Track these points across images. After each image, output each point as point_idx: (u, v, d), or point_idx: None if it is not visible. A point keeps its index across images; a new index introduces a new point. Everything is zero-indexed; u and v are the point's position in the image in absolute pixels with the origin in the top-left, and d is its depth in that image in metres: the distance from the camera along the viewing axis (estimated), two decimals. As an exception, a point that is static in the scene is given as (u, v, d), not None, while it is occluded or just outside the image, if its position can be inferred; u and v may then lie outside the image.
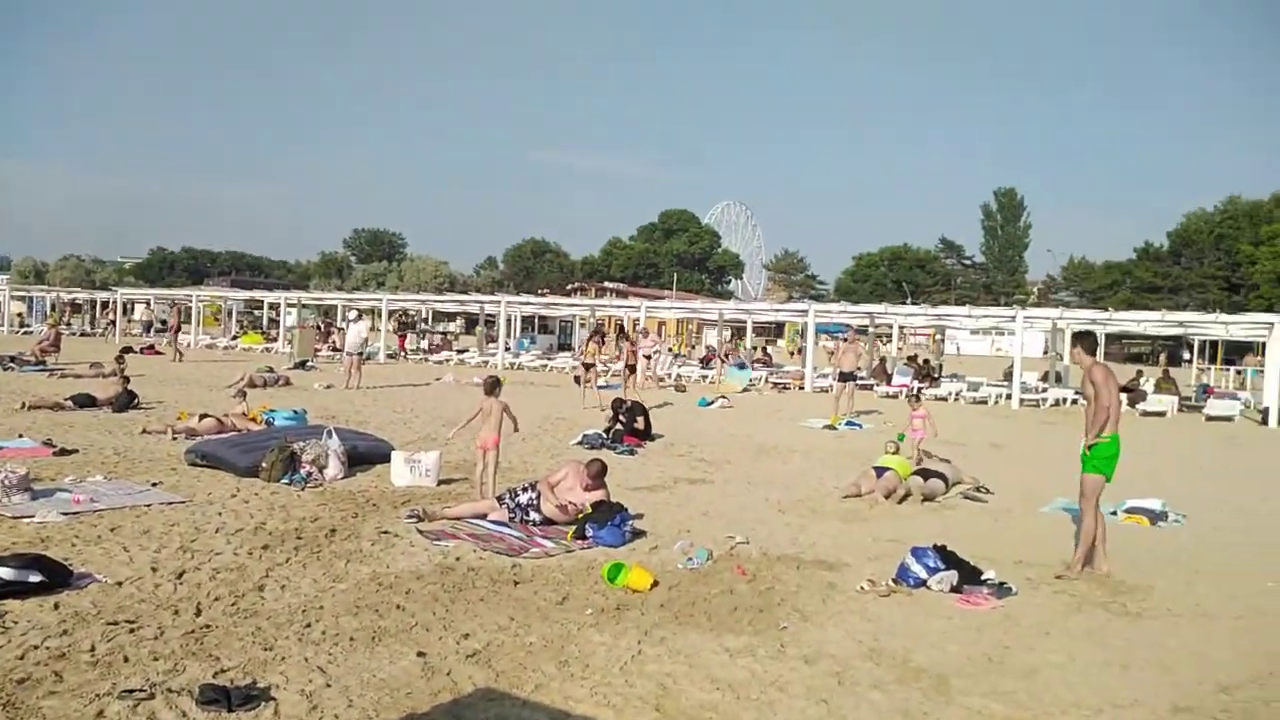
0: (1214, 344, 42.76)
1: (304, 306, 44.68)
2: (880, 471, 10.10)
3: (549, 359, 33.02)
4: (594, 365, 19.52)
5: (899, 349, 42.32)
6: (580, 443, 12.70)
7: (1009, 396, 24.13)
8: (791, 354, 48.94)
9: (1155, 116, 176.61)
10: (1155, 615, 6.07)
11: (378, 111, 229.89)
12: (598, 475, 8.00)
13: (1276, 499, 10.94)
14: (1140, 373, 27.52)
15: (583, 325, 40.14)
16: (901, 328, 45.05)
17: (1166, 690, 4.76)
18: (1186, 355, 46.28)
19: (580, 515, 7.68)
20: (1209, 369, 40.81)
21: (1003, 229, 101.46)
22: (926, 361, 31.56)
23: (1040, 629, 5.68)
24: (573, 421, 15.34)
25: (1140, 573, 6.98)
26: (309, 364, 26.81)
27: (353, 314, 27.53)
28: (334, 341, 33.46)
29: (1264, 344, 25.14)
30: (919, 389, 14.56)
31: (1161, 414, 22.38)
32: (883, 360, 30.78)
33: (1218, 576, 7.10)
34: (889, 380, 26.80)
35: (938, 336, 45.80)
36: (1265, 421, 21.04)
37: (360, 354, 20.92)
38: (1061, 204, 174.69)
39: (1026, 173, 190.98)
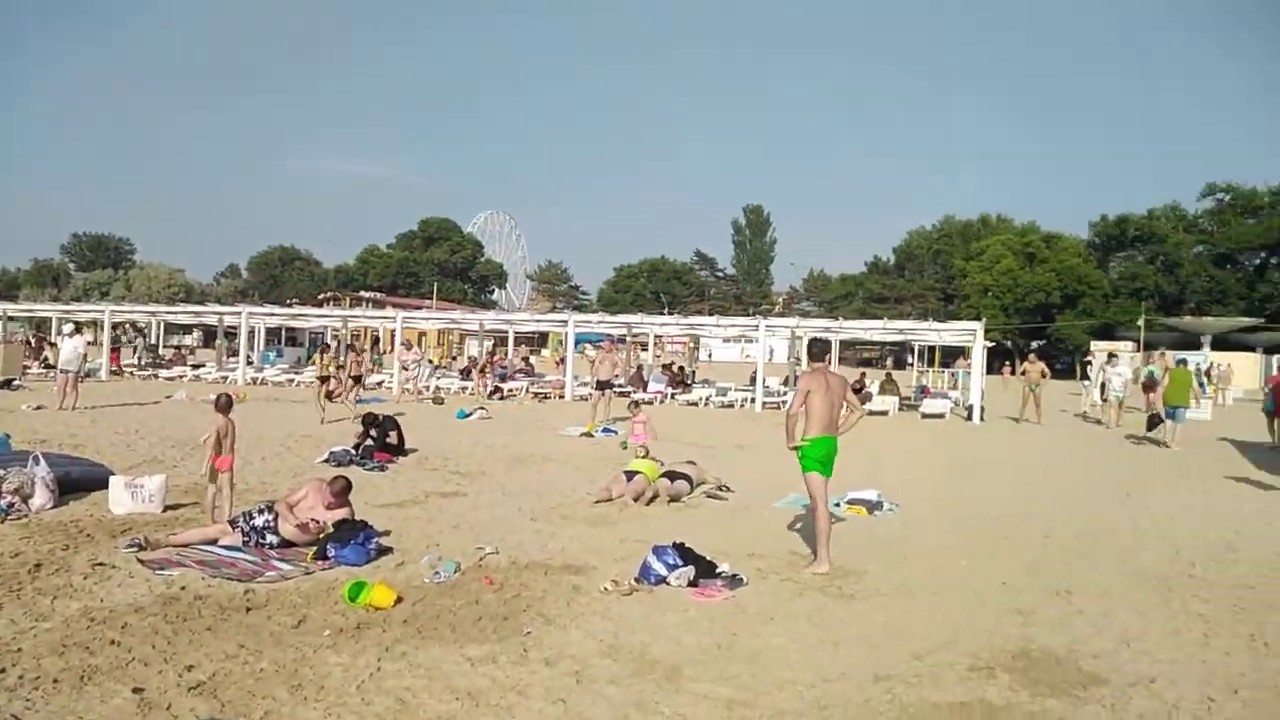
0: (932, 348, 47.45)
1: (11, 319, 40.03)
2: (630, 475, 10.45)
3: (296, 373, 31.44)
4: (330, 378, 18.87)
5: (656, 357, 43.78)
6: (327, 460, 12.22)
7: (754, 400, 25.65)
8: (557, 363, 49.40)
9: (881, 142, 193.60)
10: (866, 596, 6.68)
11: (103, 103, 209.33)
12: (341, 492, 7.76)
13: (974, 488, 12.30)
14: (864, 374, 29.98)
15: (335, 337, 38.56)
16: (658, 337, 46.65)
17: (870, 662, 5.27)
18: (910, 359, 51.02)
19: (322, 535, 7.42)
20: (927, 371, 45.27)
21: (751, 243, 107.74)
22: (681, 369, 32.89)
23: (766, 615, 6.11)
24: (319, 438, 14.74)
25: (857, 558, 7.65)
26: (16, 383, 24.09)
27: (68, 327, 24.99)
28: (46, 357, 30.24)
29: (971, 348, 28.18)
30: (637, 398, 15.19)
31: (884, 413, 24.56)
32: (639, 368, 31.75)
33: (921, 558, 7.91)
34: (645, 387, 27.70)
35: (692, 345, 47.80)
36: (970, 418, 23.61)
37: (76, 371, 19.01)
38: (805, 220, 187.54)
39: (773, 190, 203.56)
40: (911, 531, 9.04)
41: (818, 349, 8.14)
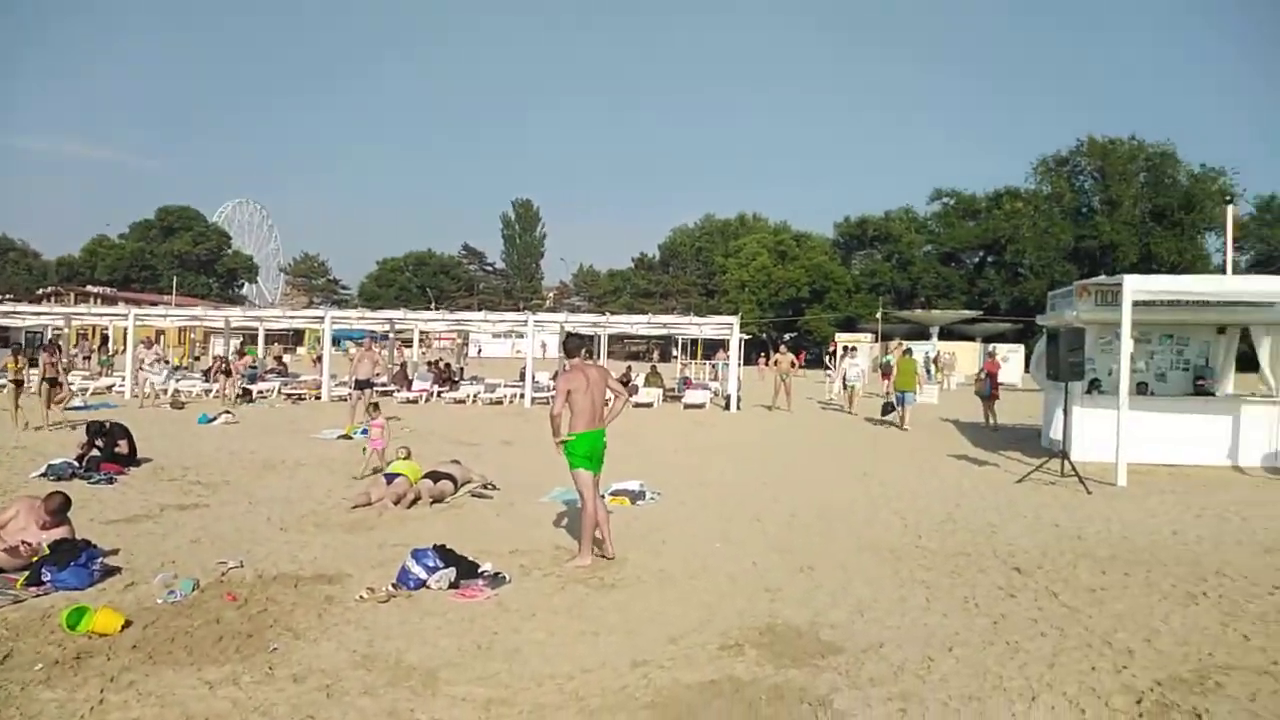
0: (694, 341, 49.36)
1: None
2: (390, 478, 10.12)
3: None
4: (24, 382, 16.99)
5: (422, 354, 42.74)
6: (45, 474, 10.98)
7: (523, 396, 25.61)
8: (314, 362, 47.08)
9: (647, 141, 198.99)
10: (627, 584, 6.83)
11: None
12: (58, 510, 7.00)
13: (730, 474, 12.89)
14: (630, 368, 30.72)
15: (58, 336, 34.78)
16: (425, 333, 45.56)
17: (628, 649, 5.38)
18: (675, 352, 52.81)
19: (35, 558, 6.65)
20: (690, 364, 47.10)
21: (521, 238, 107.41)
22: (448, 365, 32.28)
23: (528, 612, 6.10)
24: (35, 450, 13.25)
25: (619, 548, 7.78)
26: None
27: None
28: None
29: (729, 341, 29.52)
30: (375, 400, 14.79)
31: (649, 404, 25.27)
32: (403, 365, 30.87)
33: (679, 544, 8.18)
34: (409, 386, 26.97)
35: (460, 341, 47.05)
36: (728, 407, 24.76)
37: None
38: (574, 215, 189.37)
39: (542, 184, 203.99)
40: (672, 519, 9.34)
41: (573, 344, 8.20)
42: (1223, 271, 20.89)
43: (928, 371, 45.97)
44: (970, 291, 77.19)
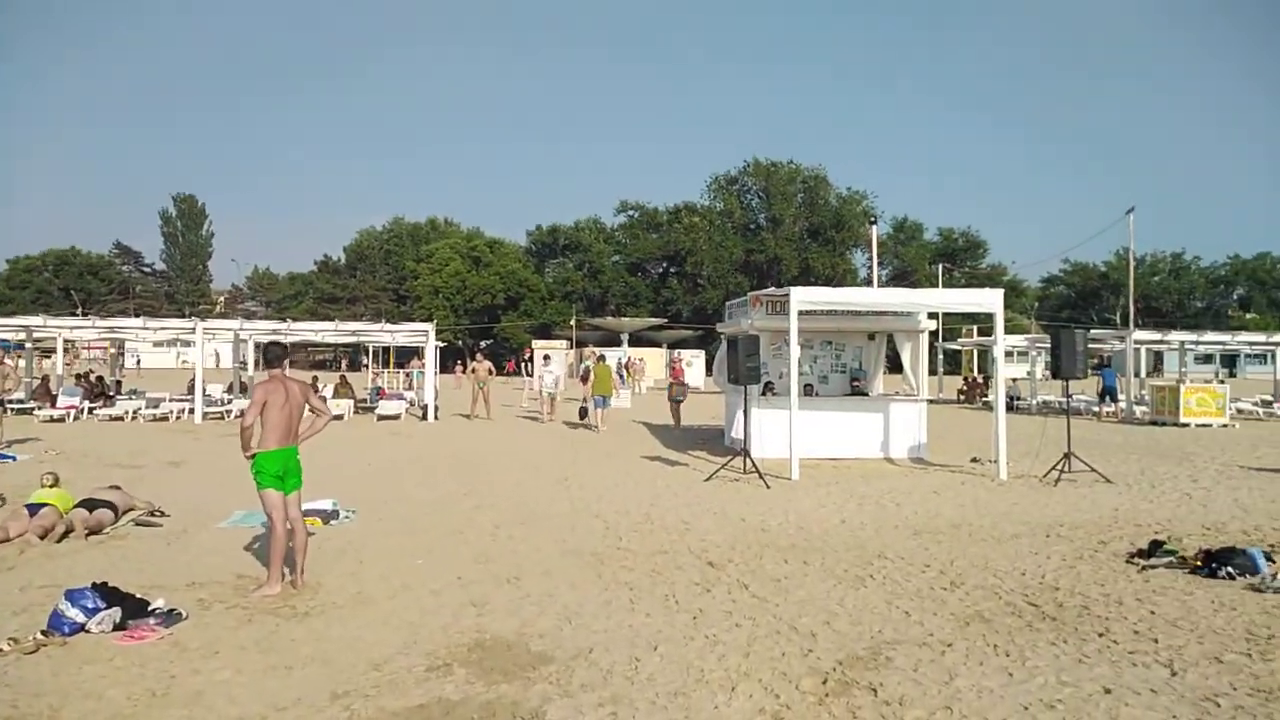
0: (386, 349, 47.75)
1: None
2: (35, 509, 8.79)
3: None
4: None
5: (67, 366, 37.85)
6: None
7: (192, 411, 23.41)
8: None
9: (325, 142, 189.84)
10: (321, 611, 6.38)
11: None
12: None
13: (429, 486, 12.55)
14: (316, 378, 29.14)
15: None
16: (70, 342, 40.38)
17: (327, 681, 5.01)
18: (365, 360, 50.73)
19: None
20: (383, 372, 45.50)
21: (184, 236, 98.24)
22: (100, 379, 28.82)
23: (210, 650, 5.51)
24: None
25: (312, 573, 7.27)
26: None
27: None
28: None
29: (424, 348, 28.86)
30: None
31: (340, 417, 24.04)
32: (45, 379, 27.13)
33: (378, 563, 7.80)
34: (54, 402, 23.75)
35: (115, 350, 42.24)
36: (425, 417, 24.17)
37: None
38: (244, 214, 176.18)
39: (207, 179, 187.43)
40: (369, 537, 8.90)
41: (274, 354, 7.49)
42: (869, 284, 23.54)
43: (620, 377, 47.87)
44: (656, 300, 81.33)
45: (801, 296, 13.62)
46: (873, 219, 34.27)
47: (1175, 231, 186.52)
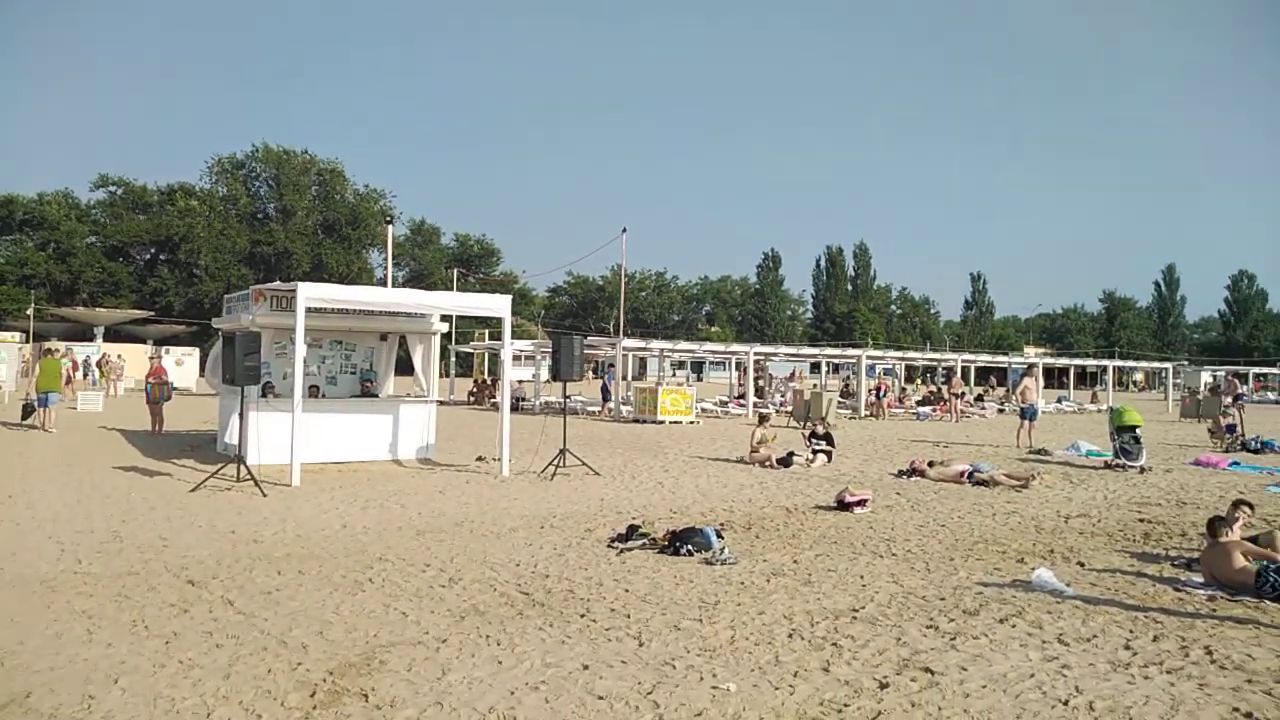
0: None
1: None
2: None
3: None
4: None
5: None
6: None
7: None
8: None
9: None
10: None
11: None
12: None
13: None
14: None
15: None
16: None
17: None
18: None
19: None
20: None
21: None
22: None
23: None
24: None
25: None
26: None
27: None
28: None
29: None
30: None
31: None
32: None
33: None
34: None
35: None
36: None
37: None
38: None
39: None
40: None
41: None
42: (384, 284, 23.29)
43: (88, 376, 41.92)
44: (141, 290, 72.77)
45: (309, 293, 13.01)
46: (389, 218, 34.07)
47: (658, 252, 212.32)
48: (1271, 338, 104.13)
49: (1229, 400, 25.92)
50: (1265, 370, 70.11)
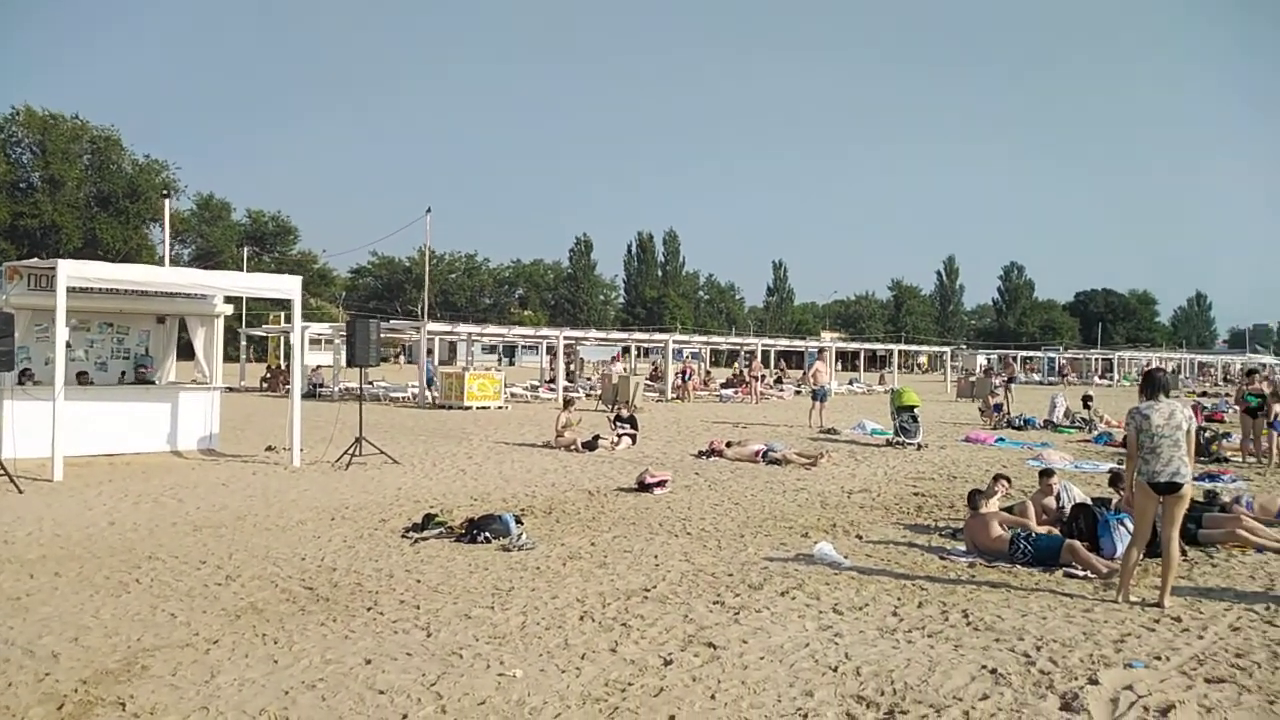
0: None
1: None
2: None
3: None
4: None
5: None
6: None
7: None
8: None
9: None
10: None
11: None
12: None
13: None
14: None
15: None
16: None
17: None
18: None
19: None
20: None
21: None
22: None
23: None
24: None
25: None
26: None
27: None
28: None
29: None
30: None
31: None
32: None
33: None
34: None
35: None
36: None
37: None
38: None
39: None
40: None
41: None
42: (164, 263, 21.61)
43: None
44: None
45: (72, 271, 11.91)
46: (166, 191, 31.61)
47: (468, 234, 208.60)
48: (1037, 323, 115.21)
49: (998, 381, 28.25)
50: (1031, 354, 76.94)
